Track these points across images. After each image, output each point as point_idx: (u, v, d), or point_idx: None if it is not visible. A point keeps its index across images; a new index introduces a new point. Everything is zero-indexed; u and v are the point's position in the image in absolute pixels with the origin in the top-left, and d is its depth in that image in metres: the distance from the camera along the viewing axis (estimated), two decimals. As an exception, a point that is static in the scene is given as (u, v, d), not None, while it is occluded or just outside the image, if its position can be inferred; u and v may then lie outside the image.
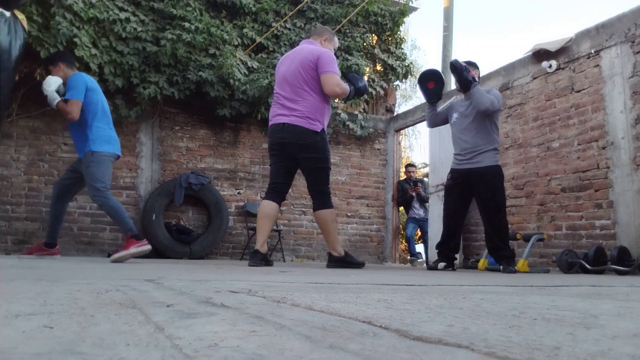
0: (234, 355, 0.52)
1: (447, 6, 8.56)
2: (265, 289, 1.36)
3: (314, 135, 3.67)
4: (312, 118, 3.67)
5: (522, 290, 1.72)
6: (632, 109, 4.15)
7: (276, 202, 3.77)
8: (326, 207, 3.77)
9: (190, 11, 5.91)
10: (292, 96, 3.71)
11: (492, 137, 4.14)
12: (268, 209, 3.75)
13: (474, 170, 4.13)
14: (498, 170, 4.16)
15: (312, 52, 3.72)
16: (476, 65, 4.37)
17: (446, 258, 4.28)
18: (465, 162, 4.20)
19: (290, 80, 3.72)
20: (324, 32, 4.02)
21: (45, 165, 5.66)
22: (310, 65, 3.67)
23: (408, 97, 18.64)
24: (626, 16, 4.29)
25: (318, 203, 3.79)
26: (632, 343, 0.66)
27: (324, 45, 3.91)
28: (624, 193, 4.13)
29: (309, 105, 3.67)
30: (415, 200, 7.55)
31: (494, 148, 4.15)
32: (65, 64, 4.04)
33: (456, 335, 0.68)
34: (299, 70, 3.69)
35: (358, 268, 3.91)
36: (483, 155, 4.11)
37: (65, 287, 1.26)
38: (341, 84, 3.70)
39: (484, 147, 4.12)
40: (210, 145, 6.48)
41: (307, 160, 3.73)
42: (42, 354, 0.50)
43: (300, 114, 3.66)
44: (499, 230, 4.08)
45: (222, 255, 6.37)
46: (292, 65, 3.75)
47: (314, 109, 3.68)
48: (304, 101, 3.67)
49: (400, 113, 7.70)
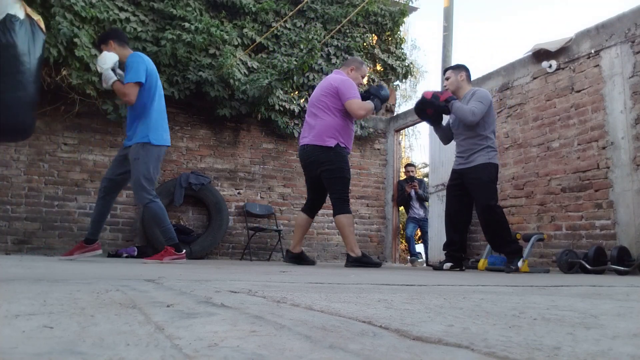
0: (234, 355, 0.52)
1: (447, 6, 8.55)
2: (265, 289, 1.36)
3: (327, 150, 4.12)
4: (326, 136, 4.13)
5: (522, 290, 1.72)
6: (632, 109, 4.15)
7: (307, 214, 4.40)
8: (343, 212, 4.14)
9: (190, 11, 5.91)
10: (312, 118, 4.24)
11: (483, 135, 4.10)
12: (299, 219, 4.47)
13: (467, 169, 4.16)
14: (489, 167, 4.07)
15: (334, 79, 4.22)
16: (461, 67, 4.33)
17: (452, 258, 4.27)
18: (462, 163, 4.23)
19: (312, 104, 4.28)
20: (352, 62, 4.44)
21: (45, 165, 5.66)
22: (330, 92, 4.17)
23: (408, 97, 18.66)
24: (626, 16, 4.29)
25: (337, 208, 4.17)
26: (632, 343, 0.66)
27: (350, 75, 4.33)
28: (624, 193, 4.13)
29: (325, 124, 4.14)
30: (414, 200, 7.54)
31: (486, 146, 4.10)
32: (118, 42, 3.79)
33: (456, 335, 0.68)
34: (319, 95, 4.22)
35: (375, 267, 4.20)
36: (476, 154, 4.11)
37: (65, 287, 1.26)
38: (363, 105, 4.14)
39: (477, 146, 4.11)
40: (210, 145, 6.48)
41: (324, 172, 4.17)
42: (42, 354, 0.50)
43: (316, 132, 4.16)
44: (495, 227, 4.02)
45: (222, 255, 6.37)
46: (316, 91, 4.31)
47: (330, 127, 4.14)
48: (321, 120, 4.16)
49: (400, 113, 7.70)
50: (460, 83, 4.26)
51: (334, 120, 4.14)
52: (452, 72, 4.34)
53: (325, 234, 6.97)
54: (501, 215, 4.04)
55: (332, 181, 4.15)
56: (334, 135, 4.13)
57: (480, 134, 4.10)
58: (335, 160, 4.13)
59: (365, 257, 4.24)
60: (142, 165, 3.62)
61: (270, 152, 6.79)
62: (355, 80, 4.31)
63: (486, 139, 4.11)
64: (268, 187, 6.73)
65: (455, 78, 4.27)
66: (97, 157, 5.88)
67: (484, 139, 4.11)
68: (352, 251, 4.17)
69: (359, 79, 4.35)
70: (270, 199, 6.72)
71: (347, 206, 4.18)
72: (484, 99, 4.08)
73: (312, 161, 4.19)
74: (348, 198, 4.22)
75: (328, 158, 4.12)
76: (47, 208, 5.60)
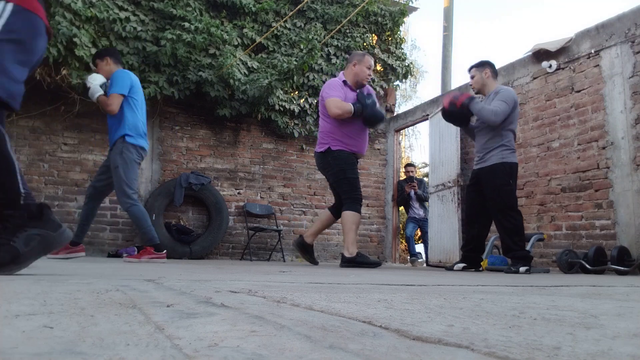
0: (234, 355, 0.52)
1: (447, 6, 8.56)
2: (265, 289, 1.36)
3: (323, 156, 4.26)
4: (323, 142, 4.26)
5: (522, 290, 1.72)
6: (632, 109, 4.15)
7: (331, 213, 4.48)
8: (349, 209, 4.15)
9: (190, 11, 5.91)
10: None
11: (501, 134, 3.98)
12: (323, 214, 4.66)
13: (482, 169, 4.06)
14: (504, 167, 3.94)
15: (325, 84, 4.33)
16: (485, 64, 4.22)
17: (466, 259, 4.21)
18: (478, 162, 4.13)
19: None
20: (353, 57, 4.36)
21: (45, 165, 5.66)
22: (322, 95, 4.25)
23: (408, 97, 18.67)
24: (626, 16, 4.29)
25: (345, 206, 4.21)
26: (632, 343, 0.66)
27: (354, 70, 4.27)
28: (624, 193, 4.13)
29: (321, 130, 4.30)
30: (414, 200, 7.52)
31: (501, 145, 3.97)
32: (113, 60, 4.13)
33: (456, 335, 0.68)
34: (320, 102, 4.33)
35: (372, 267, 4.11)
36: (491, 154, 4.00)
37: (65, 287, 1.26)
38: (340, 105, 4.07)
39: (492, 145, 4.00)
40: (210, 145, 6.48)
41: (330, 177, 4.38)
42: (42, 354, 0.50)
43: (318, 140, 4.37)
44: (509, 230, 3.89)
45: (222, 255, 6.37)
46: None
47: (323, 133, 4.26)
48: (321, 127, 4.32)
49: (400, 113, 7.70)
50: (486, 80, 4.16)
51: (327, 125, 4.22)
52: (476, 70, 4.21)
53: (325, 234, 6.97)
54: (515, 220, 3.90)
55: (338, 183, 4.26)
56: (326, 141, 4.22)
57: (496, 132, 3.98)
58: (334, 163, 4.19)
59: (360, 257, 4.15)
60: (121, 173, 3.90)
61: (270, 152, 6.80)
62: (361, 73, 4.24)
63: (501, 137, 3.97)
64: (268, 187, 6.73)
65: (480, 76, 4.17)
66: (97, 157, 5.88)
67: (500, 137, 3.98)
68: (347, 250, 4.11)
69: (364, 72, 4.25)
70: (270, 199, 6.72)
71: (356, 205, 4.17)
72: (508, 98, 3.95)
73: (319, 167, 4.49)
74: (358, 197, 4.20)
75: (327, 163, 4.24)
76: (47, 208, 5.59)
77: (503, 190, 3.92)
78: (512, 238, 3.88)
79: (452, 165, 5.98)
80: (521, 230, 3.91)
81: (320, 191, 7.01)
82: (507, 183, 3.94)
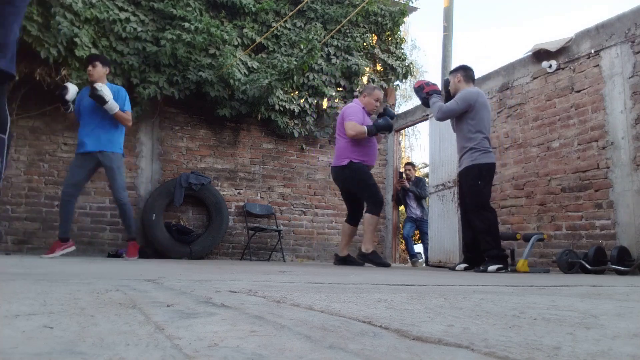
0: (234, 355, 0.52)
1: (447, 6, 8.55)
2: (265, 289, 1.36)
3: (343, 169, 4.80)
4: (341, 157, 4.83)
5: (522, 290, 1.72)
6: (632, 109, 4.15)
7: (349, 223, 4.96)
8: (370, 212, 4.72)
9: (190, 11, 5.90)
10: (336, 143, 5.03)
11: (469, 137, 4.07)
12: (344, 228, 5.06)
13: (460, 172, 4.22)
14: (473, 168, 4.01)
15: (345, 108, 5.00)
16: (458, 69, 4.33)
17: (467, 260, 4.27)
18: (458, 166, 4.29)
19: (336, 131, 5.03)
20: (365, 90, 5.12)
21: (45, 165, 5.66)
22: (341, 119, 4.89)
23: (408, 97, 18.62)
24: (626, 16, 4.29)
25: (367, 208, 4.78)
26: (632, 343, 0.66)
27: (364, 100, 4.99)
28: (624, 193, 4.13)
29: (339, 147, 4.90)
30: (411, 199, 7.47)
31: (470, 147, 4.05)
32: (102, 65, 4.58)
33: (456, 335, 0.68)
34: (338, 123, 4.95)
35: (383, 267, 4.59)
36: (463, 157, 4.14)
37: (65, 287, 1.26)
38: (354, 127, 4.72)
39: (463, 148, 4.13)
40: (210, 145, 6.48)
41: (351, 187, 4.87)
42: (42, 354, 0.50)
43: (336, 155, 4.97)
44: (481, 230, 3.92)
45: (222, 255, 6.37)
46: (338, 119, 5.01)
47: (342, 149, 4.84)
48: (337, 144, 4.95)
49: (400, 113, 7.70)
50: (457, 85, 4.28)
51: (344, 142, 4.81)
52: (451, 75, 4.43)
53: (325, 234, 6.98)
54: (487, 220, 3.93)
55: (360, 191, 4.80)
56: (346, 156, 4.79)
57: (465, 135, 4.10)
58: (354, 175, 4.75)
59: (372, 255, 4.69)
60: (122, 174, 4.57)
61: (270, 152, 6.79)
62: (369, 104, 4.95)
63: (470, 140, 4.07)
64: (268, 187, 6.73)
65: (454, 81, 4.33)
66: (97, 157, 5.86)
67: (469, 140, 4.08)
68: (364, 245, 4.70)
69: (372, 103, 4.95)
70: (270, 199, 6.72)
71: (378, 209, 4.72)
72: (461, 98, 4.09)
73: (337, 179, 4.98)
74: (380, 200, 4.79)
75: (346, 175, 4.79)
76: (47, 208, 5.59)
77: (471, 191, 4.05)
78: (484, 237, 3.93)
79: (452, 165, 5.97)
80: (494, 230, 3.96)
81: (320, 191, 7.01)
82: (475, 184, 4.03)
